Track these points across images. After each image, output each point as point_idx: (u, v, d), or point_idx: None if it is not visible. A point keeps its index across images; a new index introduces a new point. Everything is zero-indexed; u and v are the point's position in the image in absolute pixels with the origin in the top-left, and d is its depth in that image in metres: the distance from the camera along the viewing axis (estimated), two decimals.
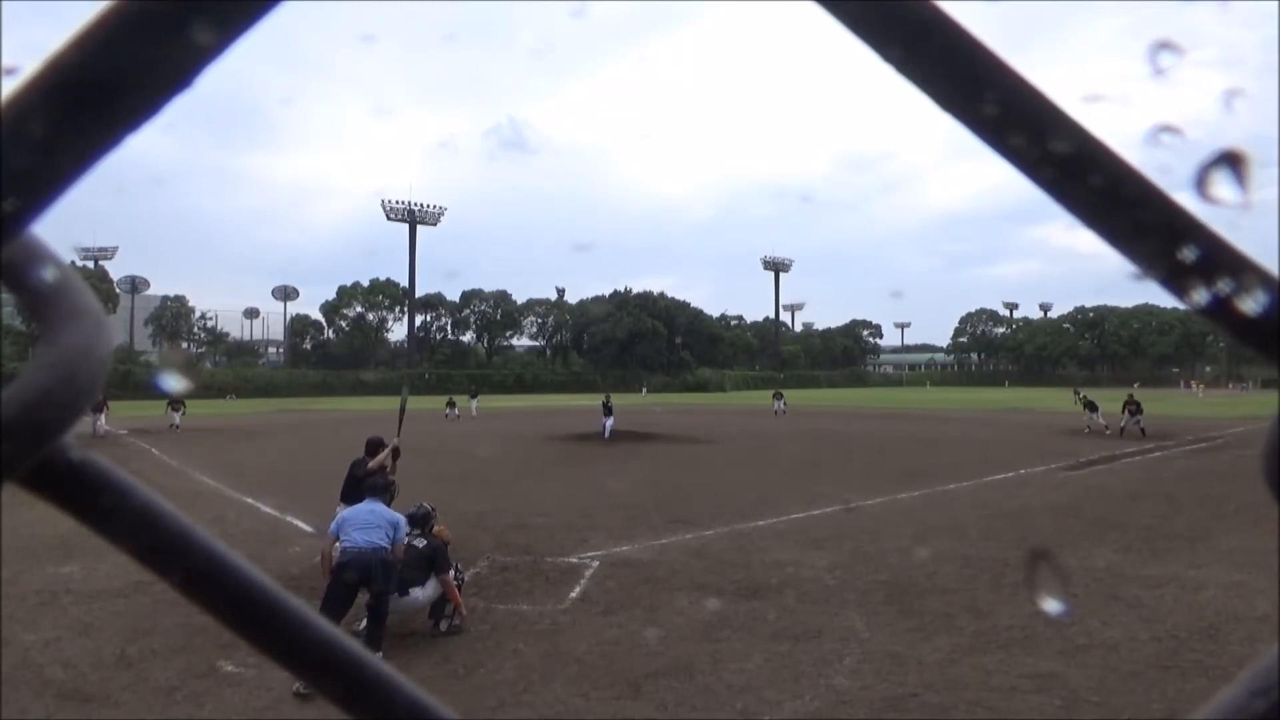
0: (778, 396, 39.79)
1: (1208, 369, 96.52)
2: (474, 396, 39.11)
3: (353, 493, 7.42)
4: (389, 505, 6.68)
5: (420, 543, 6.74)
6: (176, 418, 29.60)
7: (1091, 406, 30.12)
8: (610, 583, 8.01)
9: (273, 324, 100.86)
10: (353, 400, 60.21)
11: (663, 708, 5.21)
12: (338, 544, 6.31)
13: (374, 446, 8.33)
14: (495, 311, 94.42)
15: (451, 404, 36.99)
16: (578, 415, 35.46)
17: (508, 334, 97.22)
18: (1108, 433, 27.10)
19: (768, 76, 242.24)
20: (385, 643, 6.12)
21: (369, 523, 6.33)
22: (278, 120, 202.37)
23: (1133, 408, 25.38)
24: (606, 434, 24.83)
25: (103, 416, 25.65)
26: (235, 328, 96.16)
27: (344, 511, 6.69)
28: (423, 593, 6.56)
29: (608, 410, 25.98)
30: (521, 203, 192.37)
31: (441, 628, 6.64)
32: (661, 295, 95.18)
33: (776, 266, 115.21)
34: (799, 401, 46.58)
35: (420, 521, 6.92)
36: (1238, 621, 6.72)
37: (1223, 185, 0.34)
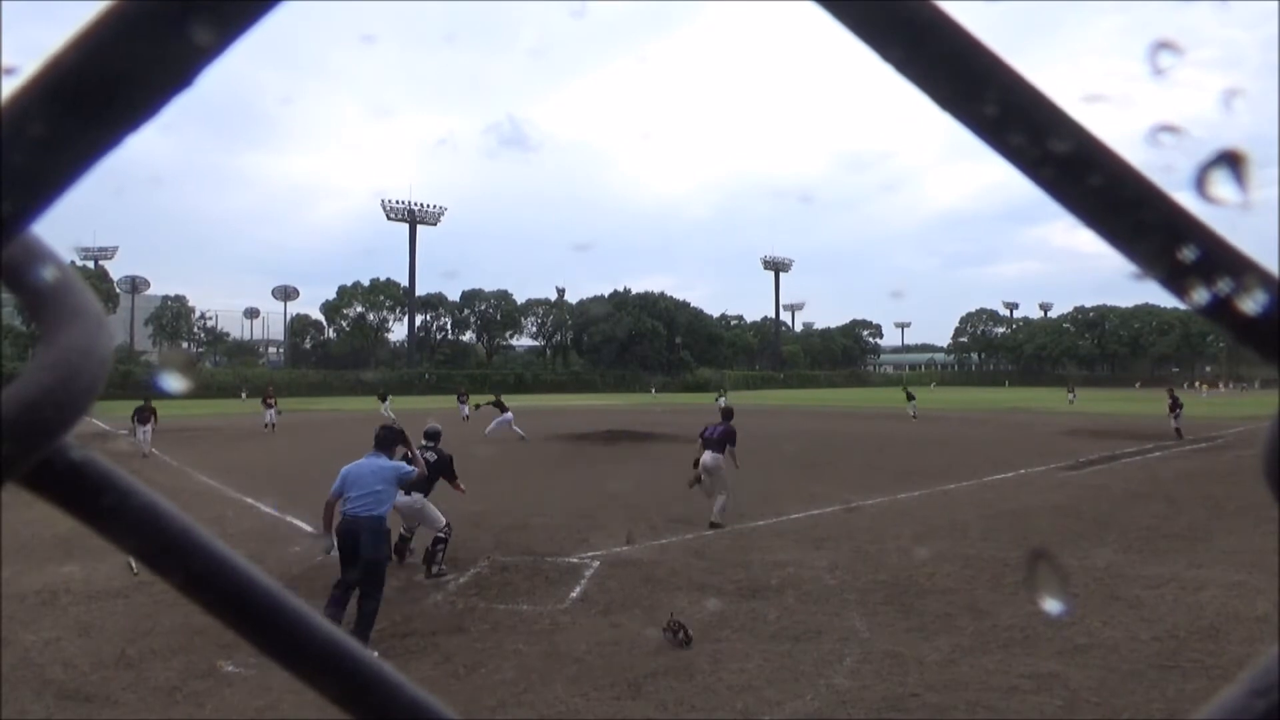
0: (721, 394, 43.82)
1: (1208, 369, 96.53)
2: (383, 399, 35.11)
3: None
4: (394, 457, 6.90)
5: (431, 456, 7.79)
6: (270, 415, 28.88)
7: (910, 396, 35.61)
8: (610, 583, 8.01)
9: (273, 324, 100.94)
10: (353, 400, 60.17)
11: (663, 708, 5.21)
12: (341, 505, 6.54)
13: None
14: (495, 311, 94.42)
15: (463, 397, 33.85)
16: (578, 415, 35.45)
17: (508, 334, 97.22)
18: (914, 419, 31.47)
19: (767, 76, 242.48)
20: (375, 630, 6.26)
21: (369, 485, 6.48)
22: (278, 120, 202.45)
23: (1170, 403, 25.12)
24: (489, 429, 24.11)
25: (149, 429, 20.24)
26: (235, 328, 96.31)
27: (346, 468, 6.70)
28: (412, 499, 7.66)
29: (501, 408, 25.50)
30: (521, 202, 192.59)
31: (433, 571, 7.50)
32: (661, 295, 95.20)
33: (776, 266, 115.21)
34: (799, 401, 46.54)
35: (434, 436, 8.21)
36: (1238, 621, 6.72)
37: (1223, 185, 0.34)
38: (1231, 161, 0.34)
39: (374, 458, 6.73)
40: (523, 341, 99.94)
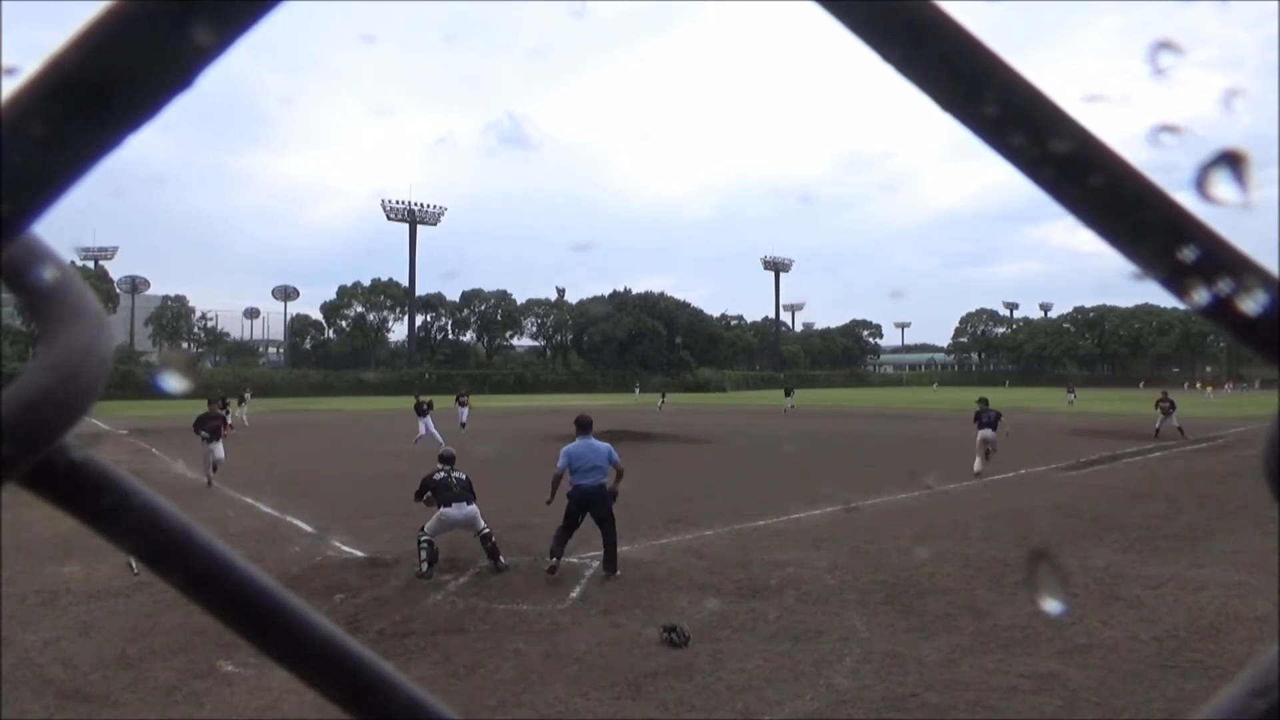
0: (663, 396, 45.97)
1: (1209, 369, 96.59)
2: (240, 402, 31.54)
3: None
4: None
5: (461, 475, 8.84)
6: (230, 417, 27.65)
7: (789, 392, 41.09)
8: (610, 583, 8.01)
9: (273, 324, 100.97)
10: (353, 400, 60.19)
11: (663, 708, 5.21)
12: (568, 476, 8.38)
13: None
14: (495, 311, 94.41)
15: (463, 398, 28.78)
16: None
17: (508, 334, 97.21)
18: (788, 410, 33.81)
19: (767, 76, 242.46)
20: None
21: (590, 460, 8.34)
22: (278, 120, 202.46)
23: (1165, 406, 25.11)
24: (417, 440, 22.19)
25: (219, 445, 14.91)
26: (235, 328, 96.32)
27: (569, 448, 8.50)
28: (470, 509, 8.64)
29: (422, 411, 23.50)
30: (521, 202, 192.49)
31: (501, 564, 8.30)
32: (661, 295, 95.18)
33: (776, 266, 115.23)
34: (799, 401, 46.56)
35: (449, 460, 9.04)
36: (1238, 621, 6.72)
37: (1223, 185, 0.34)
38: (1232, 161, 0.34)
39: (586, 440, 8.50)
40: (523, 341, 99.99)
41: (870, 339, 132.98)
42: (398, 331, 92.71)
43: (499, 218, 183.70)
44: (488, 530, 8.55)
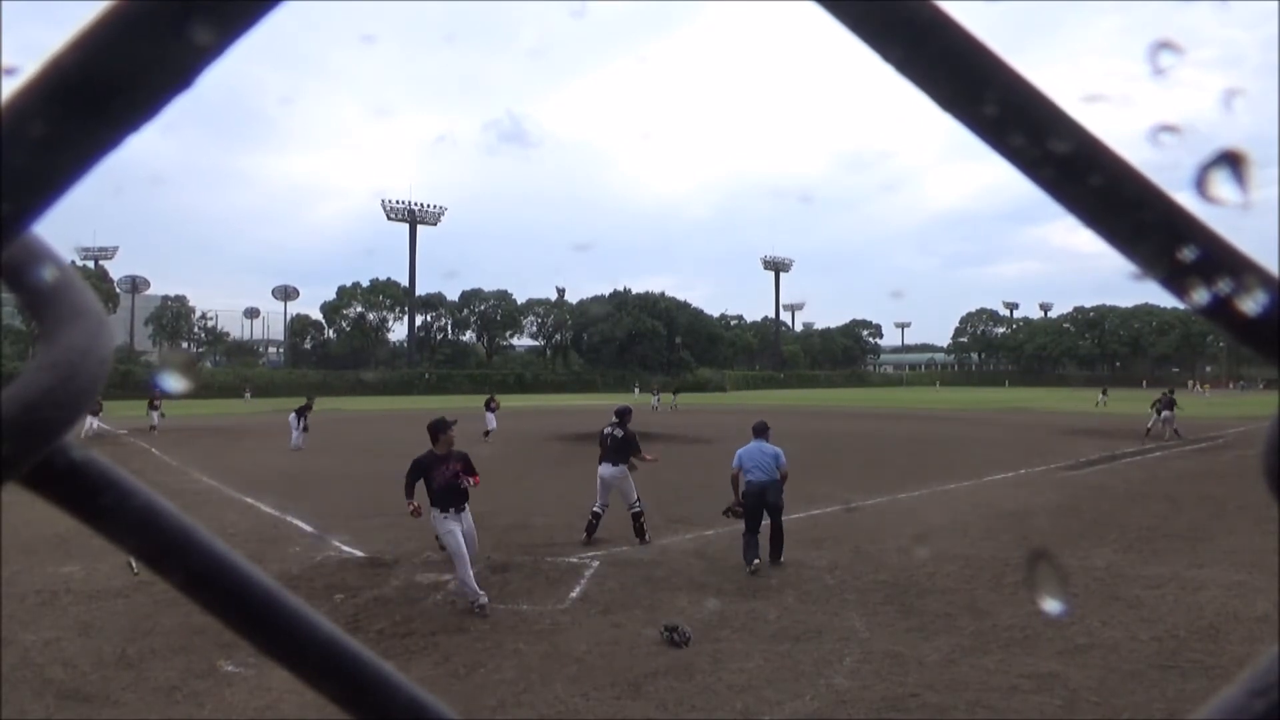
0: (656, 392, 45.78)
1: (1209, 369, 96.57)
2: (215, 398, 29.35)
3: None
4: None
5: (619, 433, 9.81)
6: (155, 417, 28.61)
7: (675, 393, 41.85)
8: (610, 583, 8.00)
9: (273, 324, 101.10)
10: (353, 400, 60.13)
11: (663, 708, 5.21)
12: (743, 474, 8.88)
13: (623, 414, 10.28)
14: (495, 311, 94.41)
15: (492, 406, 26.03)
16: (578, 415, 35.43)
17: (508, 334, 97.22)
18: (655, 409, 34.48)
19: (767, 76, 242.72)
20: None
21: (758, 460, 8.86)
22: (278, 120, 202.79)
23: (1160, 405, 24.68)
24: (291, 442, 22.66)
25: (466, 511, 7.50)
26: (235, 328, 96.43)
27: (742, 450, 9.05)
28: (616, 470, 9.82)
29: (301, 414, 23.46)
30: (521, 202, 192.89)
31: (647, 540, 9.41)
32: (661, 295, 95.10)
33: (776, 266, 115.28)
34: (800, 401, 46.54)
35: (623, 415, 10.02)
36: (1238, 621, 6.72)
37: (1223, 185, 0.34)
38: (1231, 161, 0.34)
39: (759, 443, 9.01)
40: (523, 341, 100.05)
41: (870, 339, 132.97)
42: (398, 331, 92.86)
43: (499, 218, 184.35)
44: (637, 509, 9.41)
